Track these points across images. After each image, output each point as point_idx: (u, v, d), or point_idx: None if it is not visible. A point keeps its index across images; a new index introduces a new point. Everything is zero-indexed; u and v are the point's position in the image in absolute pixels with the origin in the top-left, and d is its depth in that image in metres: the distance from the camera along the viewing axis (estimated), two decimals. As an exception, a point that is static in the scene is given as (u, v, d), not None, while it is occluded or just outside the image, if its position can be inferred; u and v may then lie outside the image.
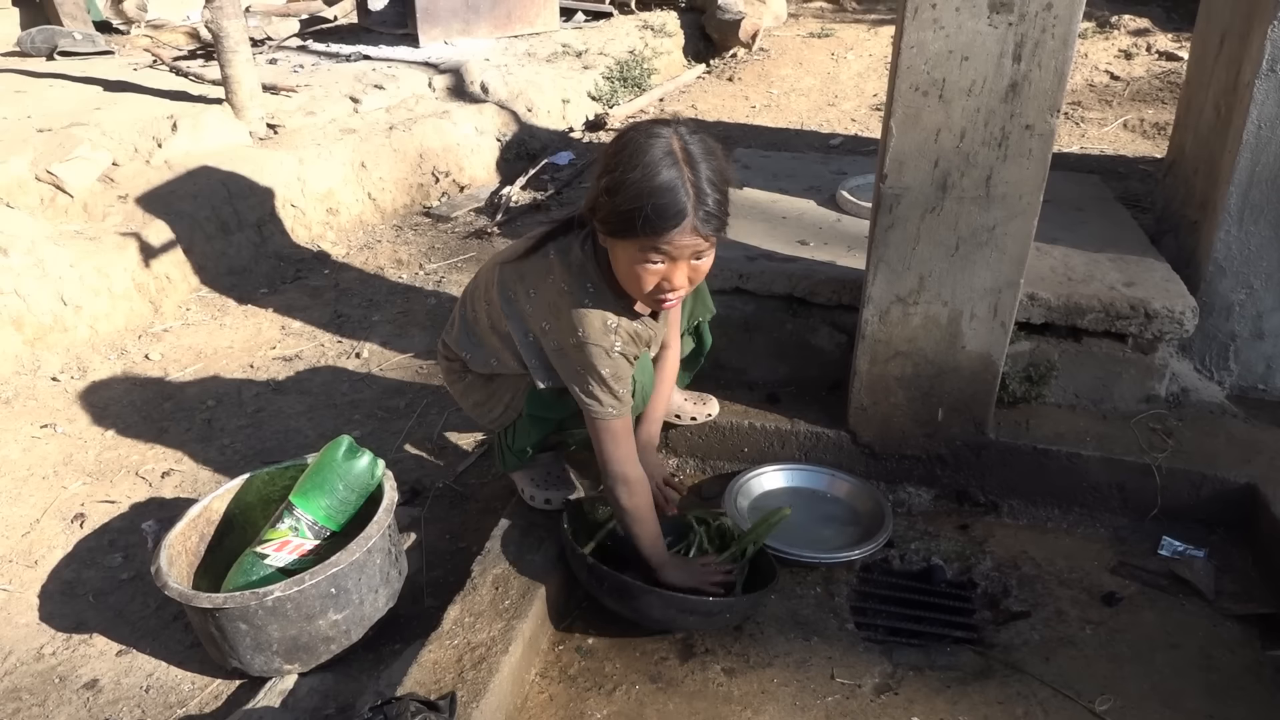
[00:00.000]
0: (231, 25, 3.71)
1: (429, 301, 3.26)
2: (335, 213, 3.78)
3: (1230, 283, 2.53)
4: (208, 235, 3.36)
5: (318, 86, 4.37)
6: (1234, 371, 2.59)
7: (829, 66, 5.46)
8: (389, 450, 2.46)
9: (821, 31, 5.98)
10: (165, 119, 3.64)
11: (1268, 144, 2.39)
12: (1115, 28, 5.37)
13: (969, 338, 2.15)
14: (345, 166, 3.86)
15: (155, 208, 3.28)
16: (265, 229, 3.54)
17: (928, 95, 1.95)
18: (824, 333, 2.50)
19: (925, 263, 2.09)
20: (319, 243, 3.67)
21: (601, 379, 1.70)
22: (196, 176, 3.47)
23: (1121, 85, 4.89)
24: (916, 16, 1.89)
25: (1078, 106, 4.76)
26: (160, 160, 3.51)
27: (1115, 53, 5.16)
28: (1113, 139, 4.45)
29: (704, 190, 1.55)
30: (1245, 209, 2.46)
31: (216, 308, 3.19)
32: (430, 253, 3.65)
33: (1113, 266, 2.50)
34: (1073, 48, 1.87)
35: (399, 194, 4.03)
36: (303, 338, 3.02)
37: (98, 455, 2.44)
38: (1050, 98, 1.91)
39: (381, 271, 3.50)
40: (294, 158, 3.73)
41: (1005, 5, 1.85)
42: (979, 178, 1.99)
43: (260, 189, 3.57)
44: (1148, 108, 4.66)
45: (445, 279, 3.43)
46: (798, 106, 5.10)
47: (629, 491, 1.76)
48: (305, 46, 5.28)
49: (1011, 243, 2.04)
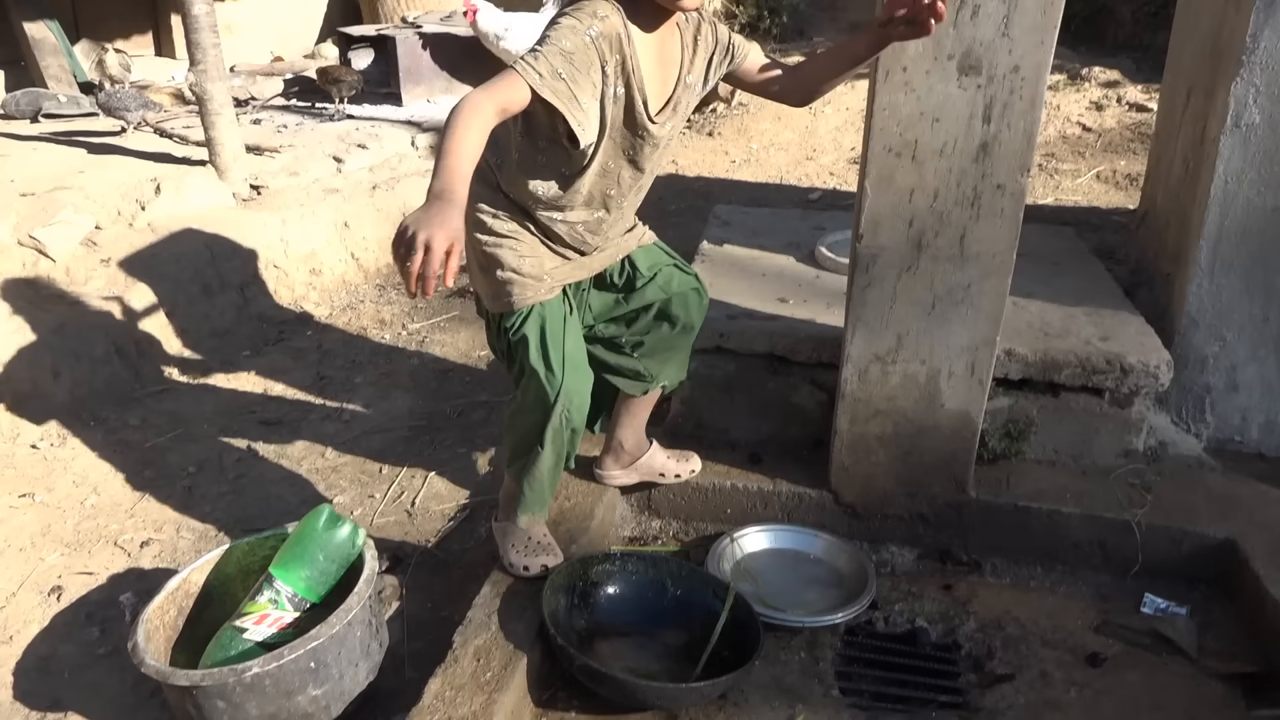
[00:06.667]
0: (215, 88, 3.74)
1: (411, 362, 3.27)
2: (318, 273, 3.80)
3: (1204, 335, 2.55)
4: (190, 298, 3.36)
5: (301, 146, 4.40)
6: (1211, 424, 2.61)
7: (807, 121, 5.53)
8: (370, 516, 2.45)
9: (800, 86, 6.07)
10: (149, 181, 3.66)
11: (1235, 198, 2.43)
12: (1086, 80, 5.46)
13: (947, 396, 2.17)
14: (328, 227, 3.88)
15: (138, 271, 3.29)
16: (248, 290, 3.55)
17: (901, 156, 1.98)
18: (805, 391, 2.51)
19: (902, 321, 2.11)
20: (302, 303, 3.68)
21: (548, 41, 1.62)
22: (179, 239, 3.47)
23: (1093, 137, 4.97)
24: (888, 79, 1.93)
25: (1051, 158, 4.83)
26: (143, 223, 3.53)
27: (1087, 104, 5.25)
28: (1086, 190, 4.51)
29: None
30: (1216, 262, 2.49)
31: (199, 372, 3.18)
32: (413, 312, 3.66)
33: (1088, 321, 2.53)
34: (1040, 109, 1.91)
35: (382, 253, 4.05)
36: (284, 402, 3.01)
37: (76, 525, 2.42)
38: (1020, 158, 1.94)
39: (365, 332, 3.51)
40: (277, 218, 3.75)
41: (974, 68, 1.89)
42: (953, 237, 2.02)
43: (243, 250, 3.58)
44: (1119, 159, 4.73)
45: (428, 339, 3.44)
46: (777, 161, 5.16)
47: (464, 110, 1.54)
48: (289, 106, 5.33)
49: (987, 301, 2.07)
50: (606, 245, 1.99)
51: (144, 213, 3.54)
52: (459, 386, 3.11)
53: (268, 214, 3.75)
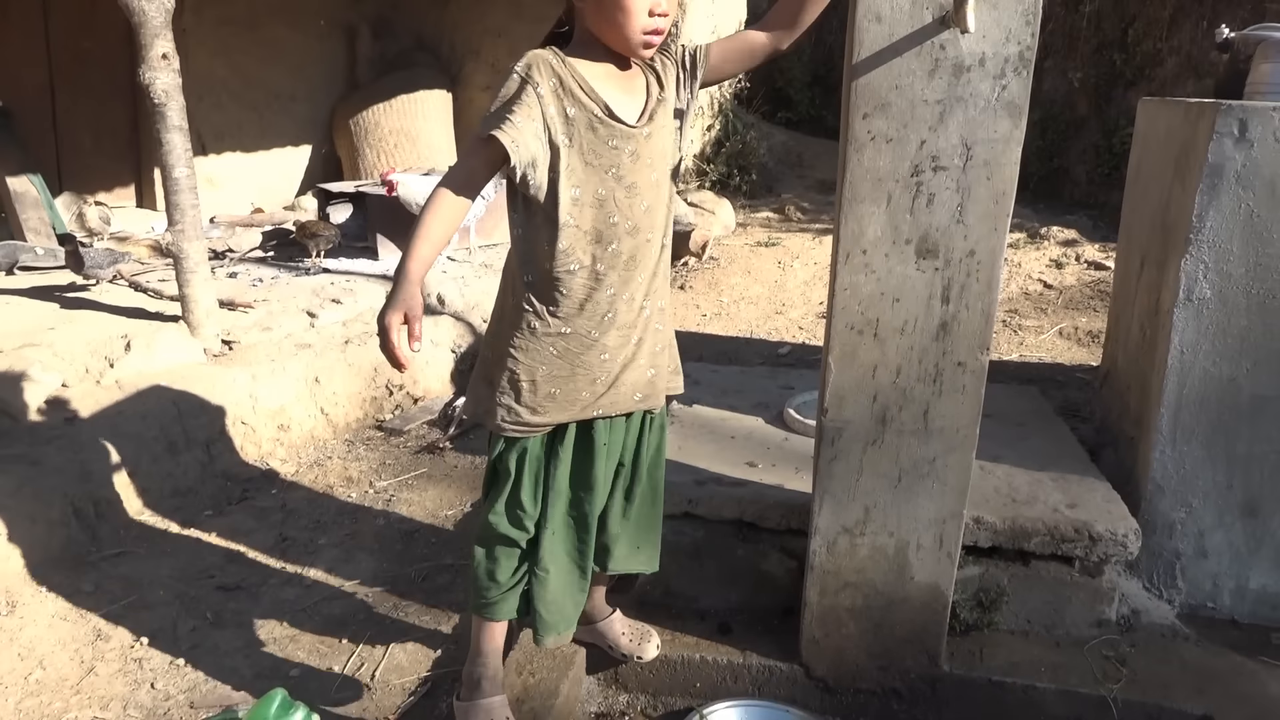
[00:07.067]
0: (192, 247, 3.79)
1: (377, 522, 3.22)
2: (286, 429, 3.77)
3: (1170, 501, 2.57)
4: (154, 456, 3.32)
5: (276, 301, 4.44)
6: (1182, 590, 2.59)
7: (776, 275, 5.66)
8: (329, 690, 2.36)
9: (769, 240, 6.24)
10: (119, 338, 3.66)
11: (1191, 368, 2.48)
12: (1045, 238, 5.66)
13: (917, 568, 2.15)
14: (299, 382, 3.88)
15: (102, 429, 3.26)
16: (214, 448, 3.51)
17: (863, 334, 2.02)
18: (774, 558, 2.49)
19: (869, 494, 2.11)
20: (268, 460, 3.64)
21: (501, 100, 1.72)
22: (147, 396, 3.46)
23: (1055, 294, 5.10)
24: (849, 261, 1.99)
25: (1015, 314, 4.95)
26: (111, 380, 3.51)
27: (1047, 262, 5.42)
28: (1050, 346, 4.61)
29: None
30: (1177, 430, 2.52)
31: (158, 533, 3.12)
32: (381, 469, 3.63)
33: (1055, 487, 2.54)
34: (997, 290, 1.96)
35: (352, 408, 4.04)
36: (245, 565, 2.95)
37: (18, 703, 2.32)
38: (979, 336, 1.98)
39: (331, 490, 3.47)
40: (247, 374, 3.75)
41: (931, 251, 1.94)
42: (917, 412, 2.04)
43: (211, 407, 3.56)
44: (1081, 315, 4.85)
45: (395, 497, 3.40)
46: (747, 315, 5.25)
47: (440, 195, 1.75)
48: (267, 259, 5.40)
49: (952, 475, 2.07)
50: (631, 358, 1.90)
51: (113, 370, 3.53)
52: (424, 548, 3.06)
53: (238, 370, 3.75)
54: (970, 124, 1.84)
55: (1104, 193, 7.16)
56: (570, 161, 1.74)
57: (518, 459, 1.92)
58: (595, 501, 1.98)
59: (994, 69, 1.81)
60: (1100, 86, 7.55)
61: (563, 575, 2.00)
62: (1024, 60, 1.80)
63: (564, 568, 2.00)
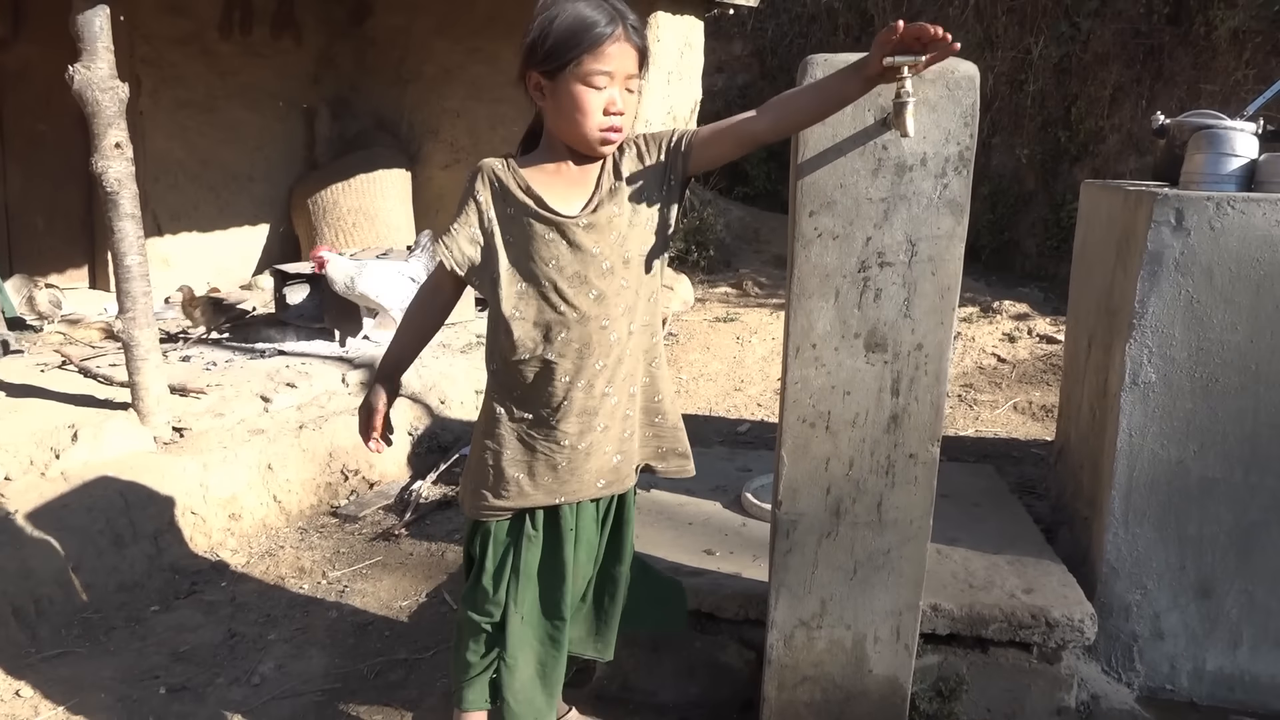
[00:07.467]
0: (142, 334, 3.75)
1: (330, 615, 3.15)
2: (238, 518, 3.70)
3: (1125, 584, 2.58)
4: (99, 550, 3.24)
5: (229, 386, 4.38)
6: (1141, 673, 2.60)
7: (735, 350, 5.69)
8: (275, 798, 2.29)
9: (727, 316, 6.29)
10: (66, 428, 3.59)
11: (1140, 451, 2.51)
12: (998, 312, 5.75)
13: (875, 661, 2.13)
14: (251, 469, 3.82)
15: (45, 524, 3.17)
16: (162, 540, 3.43)
17: (815, 427, 2.03)
18: (733, 649, 2.46)
19: (825, 586, 2.10)
20: (219, 551, 3.56)
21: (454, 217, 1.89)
22: (93, 488, 3.38)
23: (1008, 368, 5.17)
24: (799, 355, 2.00)
25: (970, 389, 5.00)
26: (57, 472, 3.43)
27: (1000, 336, 5.50)
28: (1005, 421, 4.65)
29: (624, 11, 1.77)
30: (1129, 512, 2.55)
31: (101, 631, 3.02)
32: (335, 558, 3.56)
33: (1011, 571, 2.54)
34: (945, 383, 1.98)
35: (306, 494, 3.98)
36: (191, 664, 2.86)
37: (-54, 821, 2.22)
38: (930, 429, 2.00)
39: (282, 581, 3.39)
40: (198, 463, 3.68)
41: (880, 345, 1.96)
42: (870, 504, 2.05)
43: (160, 498, 3.48)
44: (1034, 389, 4.92)
45: (349, 588, 3.33)
46: (706, 392, 5.26)
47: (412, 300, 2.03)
48: (221, 340, 5.35)
49: (908, 566, 2.07)
50: (595, 445, 1.92)
51: (58, 461, 3.46)
52: (378, 642, 2.99)
53: (188, 458, 3.68)
54: (914, 221, 1.88)
55: (1054, 265, 7.33)
56: (512, 257, 1.86)
57: (482, 542, 1.97)
58: (566, 590, 1.98)
59: (935, 168, 1.85)
60: (1046, 162, 7.76)
61: (532, 665, 1.99)
62: (964, 160, 1.84)
63: (534, 657, 1.99)
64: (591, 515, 2.02)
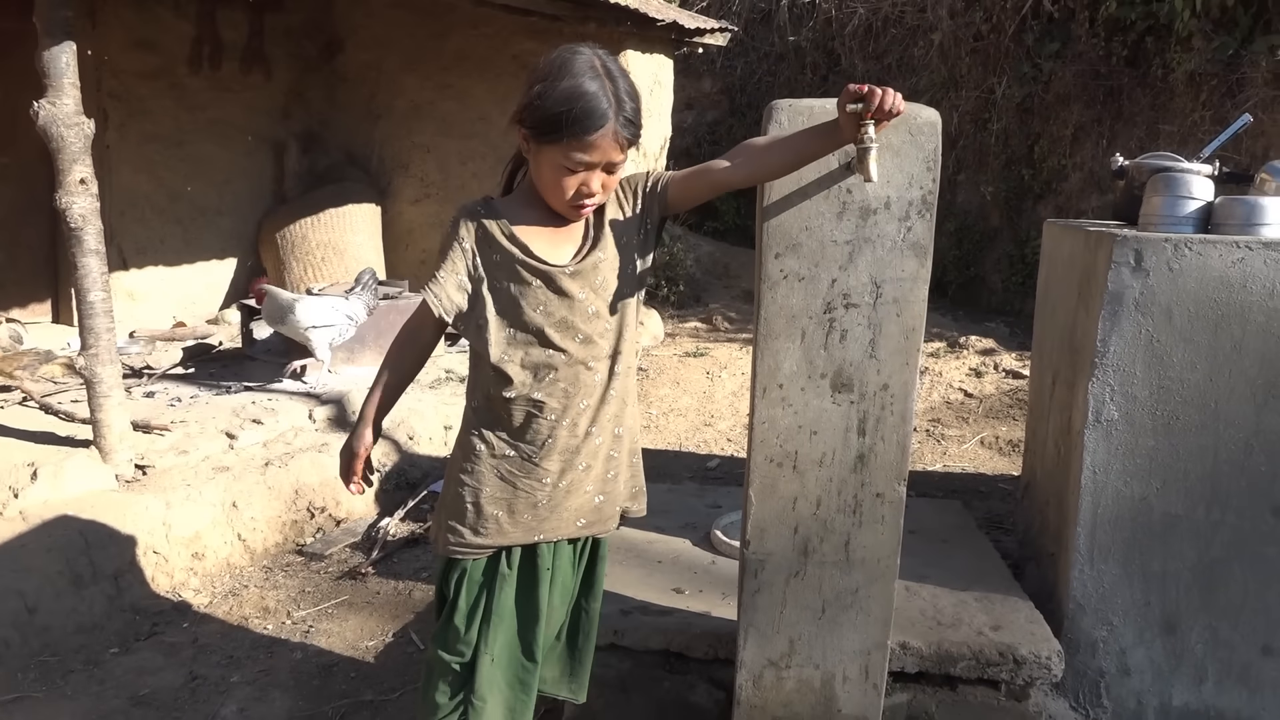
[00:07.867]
0: (105, 371, 3.70)
1: (294, 656, 3.10)
2: (201, 557, 3.65)
3: (1091, 620, 2.59)
4: (58, 591, 3.18)
5: (194, 422, 4.33)
6: (1109, 708, 2.60)
7: (705, 385, 5.71)
8: (235, 847, 2.24)
9: (697, 351, 6.31)
10: (25, 467, 3.53)
11: (1104, 488, 2.54)
12: (965, 347, 5.81)
13: (844, 700, 2.13)
14: (215, 507, 3.77)
15: (1, 565, 3.11)
16: (123, 580, 3.37)
17: (782, 466, 2.03)
18: (702, 689, 2.45)
19: (794, 626, 2.10)
20: (181, 591, 3.50)
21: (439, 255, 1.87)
22: (52, 527, 3.32)
23: (975, 403, 5.22)
24: (766, 395, 2.01)
25: (938, 424, 5.04)
26: (15, 512, 3.37)
27: (967, 371, 5.55)
28: (972, 456, 4.69)
29: (623, 100, 1.73)
30: (1094, 549, 2.57)
31: (59, 675, 2.96)
32: (300, 598, 3.51)
33: (979, 608, 2.55)
34: (911, 422, 1.99)
35: (271, 533, 3.93)
36: (151, 708, 2.81)
37: None
38: (896, 468, 2.01)
39: (246, 622, 3.34)
40: (161, 501, 3.63)
41: (846, 385, 1.98)
42: (838, 543, 2.05)
43: (121, 537, 3.43)
44: (1001, 424, 4.96)
45: (314, 628, 3.28)
46: (676, 427, 5.27)
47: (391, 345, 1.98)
48: (187, 375, 5.29)
49: (876, 605, 2.07)
50: (576, 484, 1.92)
51: (17, 500, 3.40)
52: (343, 684, 2.95)
53: (151, 497, 3.63)
54: (879, 263, 1.90)
55: (1019, 300, 7.42)
56: (500, 302, 1.85)
57: (456, 581, 1.94)
58: (539, 631, 1.97)
59: (899, 212, 1.87)
60: (1011, 199, 7.89)
61: (501, 707, 1.96)
62: (927, 204, 1.87)
63: (503, 700, 1.97)
64: (569, 556, 2.02)
